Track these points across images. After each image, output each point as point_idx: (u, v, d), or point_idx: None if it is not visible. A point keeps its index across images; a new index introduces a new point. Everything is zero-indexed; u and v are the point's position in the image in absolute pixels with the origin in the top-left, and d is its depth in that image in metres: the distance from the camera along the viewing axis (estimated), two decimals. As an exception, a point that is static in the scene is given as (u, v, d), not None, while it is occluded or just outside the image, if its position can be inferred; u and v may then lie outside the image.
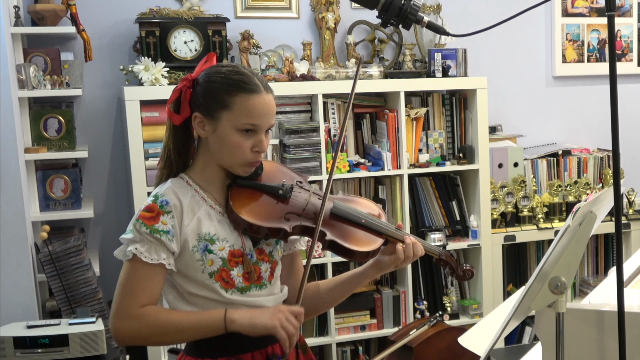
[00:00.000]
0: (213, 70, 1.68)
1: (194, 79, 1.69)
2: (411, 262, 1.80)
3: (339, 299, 1.88)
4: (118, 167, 3.51)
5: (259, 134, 1.66)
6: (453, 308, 3.66)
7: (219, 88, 1.64)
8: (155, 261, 1.60)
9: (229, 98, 1.64)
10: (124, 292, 1.61)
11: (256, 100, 1.64)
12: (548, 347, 1.49)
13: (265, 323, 1.60)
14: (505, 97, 4.07)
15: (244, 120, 1.64)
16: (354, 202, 1.85)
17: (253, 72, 1.70)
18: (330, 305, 1.93)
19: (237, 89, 1.64)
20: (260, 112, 1.65)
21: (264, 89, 1.67)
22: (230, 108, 1.63)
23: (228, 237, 1.68)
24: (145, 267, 1.60)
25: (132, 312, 1.59)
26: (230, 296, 1.67)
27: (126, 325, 1.60)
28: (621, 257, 1.37)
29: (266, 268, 1.73)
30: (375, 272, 1.82)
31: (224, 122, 1.64)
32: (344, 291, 1.86)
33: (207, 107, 1.65)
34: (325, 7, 3.62)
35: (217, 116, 1.64)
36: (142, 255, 1.60)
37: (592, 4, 4.16)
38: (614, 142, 1.38)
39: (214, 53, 1.78)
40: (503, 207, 3.72)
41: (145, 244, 1.61)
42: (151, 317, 1.60)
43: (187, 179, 1.71)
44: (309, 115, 3.49)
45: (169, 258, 1.62)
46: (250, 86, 1.64)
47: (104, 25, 3.43)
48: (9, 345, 2.56)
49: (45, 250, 2.86)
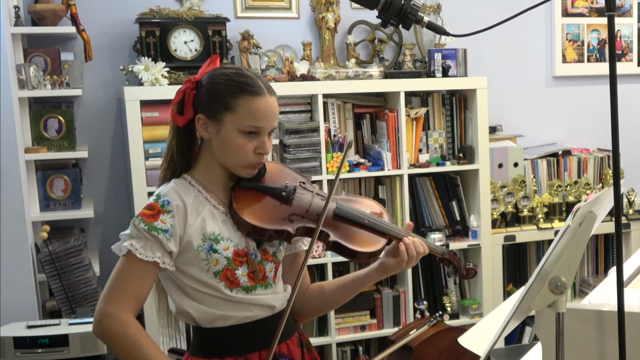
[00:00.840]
0: (217, 72, 1.68)
1: (197, 80, 1.69)
2: (416, 262, 1.80)
3: (343, 300, 1.88)
4: (118, 167, 3.50)
5: (262, 136, 1.67)
6: (453, 308, 3.66)
7: (223, 90, 1.65)
8: (150, 259, 1.60)
9: (233, 100, 1.64)
10: (114, 286, 1.61)
11: (259, 102, 1.65)
12: (548, 347, 1.48)
13: None
14: (505, 97, 4.07)
15: (247, 122, 1.64)
16: (356, 202, 1.86)
17: (257, 74, 1.70)
18: (334, 306, 1.92)
19: (241, 91, 1.64)
20: (263, 115, 1.65)
21: (268, 91, 1.67)
22: (234, 110, 1.64)
23: (232, 236, 1.68)
24: (138, 264, 1.61)
25: (117, 313, 1.59)
26: (235, 295, 1.67)
27: (107, 323, 1.59)
28: (621, 257, 1.37)
29: (271, 268, 1.74)
30: (380, 274, 1.82)
31: (227, 124, 1.64)
32: (348, 292, 1.86)
33: (210, 109, 1.65)
34: (325, 7, 3.62)
35: (220, 118, 1.65)
36: (137, 252, 1.60)
37: (592, 4, 4.16)
38: (614, 142, 1.38)
39: (217, 55, 1.78)
40: (503, 207, 3.72)
41: (141, 240, 1.61)
42: (130, 330, 1.59)
43: (190, 180, 1.71)
44: (309, 115, 3.49)
45: (164, 257, 1.62)
46: (254, 88, 1.65)
47: (104, 25, 3.43)
48: (9, 345, 2.56)
49: (45, 250, 2.86)
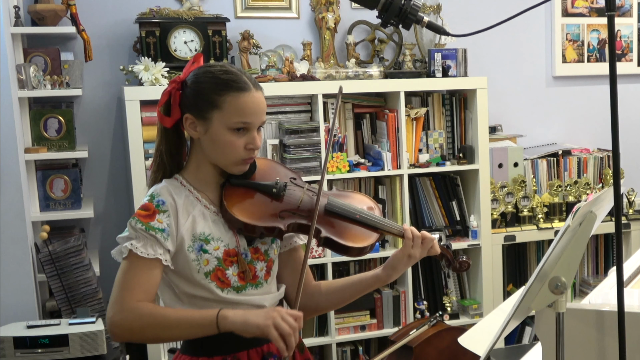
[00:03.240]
0: (201, 70, 1.68)
1: (182, 80, 1.68)
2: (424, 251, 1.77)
3: (352, 298, 1.87)
4: (118, 167, 3.50)
5: (251, 131, 1.66)
6: (453, 308, 3.66)
7: (208, 88, 1.64)
8: (152, 256, 1.60)
9: (219, 98, 1.63)
10: (121, 287, 1.61)
11: (246, 98, 1.64)
12: (548, 347, 1.48)
13: (259, 322, 1.54)
14: (505, 97, 4.07)
15: (235, 119, 1.63)
16: (348, 197, 1.85)
17: (242, 70, 1.70)
18: (343, 304, 1.90)
19: (227, 88, 1.63)
20: (251, 110, 1.64)
21: (254, 86, 1.66)
22: (221, 107, 1.63)
23: (223, 236, 1.68)
24: (141, 262, 1.60)
25: (127, 305, 1.58)
26: (226, 295, 1.67)
27: (120, 317, 1.58)
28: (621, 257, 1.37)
29: (261, 267, 1.73)
30: (390, 273, 1.80)
31: (216, 122, 1.64)
32: (356, 291, 1.85)
33: (197, 108, 1.65)
34: (325, 7, 3.62)
35: (208, 116, 1.64)
36: (138, 251, 1.59)
37: (592, 4, 4.16)
38: (614, 142, 1.38)
39: (201, 54, 1.77)
40: (503, 207, 3.72)
41: (140, 239, 1.61)
42: (145, 310, 1.58)
43: (181, 180, 1.71)
44: (309, 115, 3.49)
45: (165, 254, 1.62)
46: (240, 84, 1.64)
47: (104, 25, 3.43)
48: (9, 345, 2.56)
49: (45, 250, 2.86)
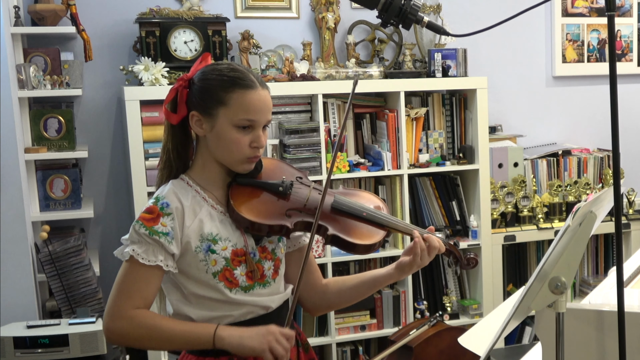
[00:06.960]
0: (208, 68, 1.69)
1: (189, 78, 1.69)
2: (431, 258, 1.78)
3: (361, 297, 1.87)
4: (118, 167, 3.50)
5: (256, 129, 1.67)
6: (453, 308, 3.66)
7: (215, 85, 1.65)
8: (152, 263, 1.60)
9: (225, 94, 1.64)
10: (119, 292, 1.61)
11: (252, 95, 1.65)
12: (548, 347, 1.48)
13: (254, 346, 1.59)
14: (505, 97, 4.07)
15: (241, 115, 1.64)
16: (355, 195, 1.85)
17: (248, 69, 1.71)
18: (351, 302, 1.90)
19: (233, 85, 1.64)
20: (256, 107, 1.65)
21: (260, 84, 1.67)
22: (227, 104, 1.64)
23: (230, 236, 1.68)
24: (141, 269, 1.60)
25: (124, 312, 1.59)
26: (234, 296, 1.67)
27: (117, 325, 1.60)
28: (621, 257, 1.36)
29: (269, 266, 1.73)
30: (399, 273, 1.81)
31: (221, 119, 1.65)
32: (366, 289, 1.86)
33: (203, 105, 1.66)
34: (325, 7, 3.62)
35: (214, 113, 1.65)
36: (139, 257, 1.60)
37: (592, 4, 4.16)
38: (614, 142, 1.38)
39: (208, 53, 1.79)
40: (503, 207, 3.72)
41: (142, 245, 1.61)
42: (142, 320, 1.59)
43: (188, 180, 1.71)
44: (309, 115, 3.49)
45: (166, 260, 1.62)
46: (246, 82, 1.65)
47: (104, 25, 3.43)
48: (9, 345, 2.56)
49: (45, 250, 2.86)
